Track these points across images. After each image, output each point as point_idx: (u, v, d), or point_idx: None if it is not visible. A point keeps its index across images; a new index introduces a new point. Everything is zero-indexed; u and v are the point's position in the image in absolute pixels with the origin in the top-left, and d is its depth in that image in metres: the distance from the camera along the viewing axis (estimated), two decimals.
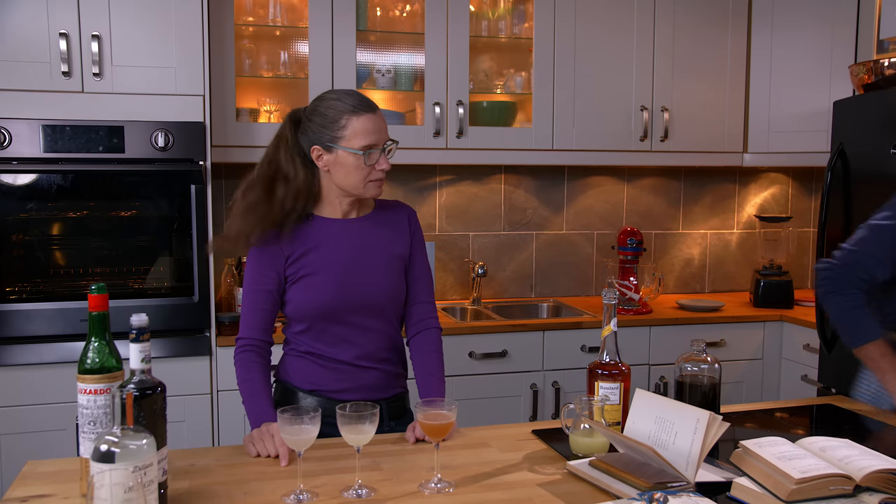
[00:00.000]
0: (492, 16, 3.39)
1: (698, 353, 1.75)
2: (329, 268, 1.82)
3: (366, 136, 1.77)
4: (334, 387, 1.86)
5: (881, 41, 3.21)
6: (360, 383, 1.87)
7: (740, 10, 3.51)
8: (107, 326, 1.38)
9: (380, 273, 1.86)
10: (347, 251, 1.84)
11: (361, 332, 1.86)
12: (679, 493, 1.33)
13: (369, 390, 1.87)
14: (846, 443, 1.49)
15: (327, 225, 1.85)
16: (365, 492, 1.43)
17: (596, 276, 3.80)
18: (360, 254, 1.85)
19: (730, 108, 3.54)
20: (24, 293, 2.67)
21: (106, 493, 1.10)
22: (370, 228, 1.89)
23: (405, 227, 1.93)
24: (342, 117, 1.77)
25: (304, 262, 1.82)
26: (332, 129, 1.77)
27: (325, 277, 1.81)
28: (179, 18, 2.71)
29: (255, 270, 1.84)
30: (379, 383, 1.89)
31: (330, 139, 1.78)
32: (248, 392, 1.79)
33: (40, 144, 2.60)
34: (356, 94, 1.81)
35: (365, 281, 1.84)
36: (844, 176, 2.82)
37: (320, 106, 1.80)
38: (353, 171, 1.78)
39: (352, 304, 1.83)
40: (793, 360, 3.31)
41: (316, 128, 1.79)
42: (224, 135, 2.97)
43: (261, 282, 1.83)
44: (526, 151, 3.32)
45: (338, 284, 1.82)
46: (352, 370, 1.86)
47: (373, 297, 1.85)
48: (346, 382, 1.86)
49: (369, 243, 1.87)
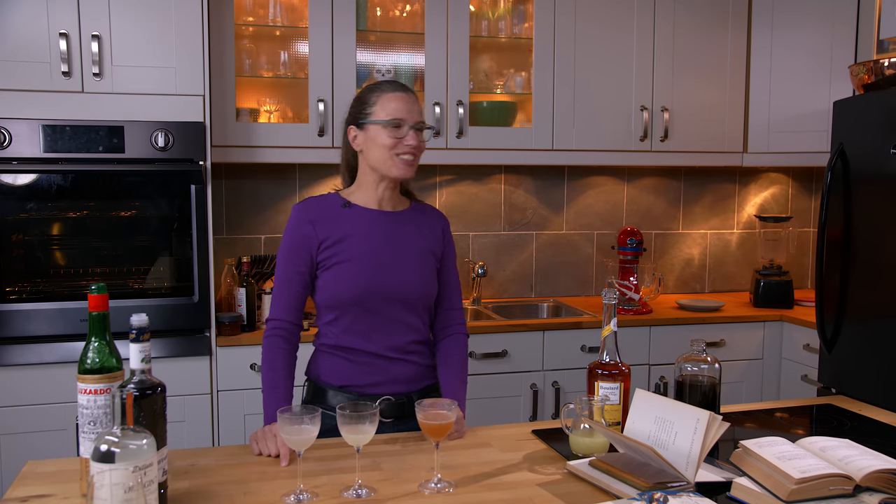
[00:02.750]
0: (492, 16, 3.39)
1: (698, 353, 1.75)
2: (363, 257, 1.84)
3: (394, 111, 1.83)
4: (364, 381, 1.87)
5: (881, 41, 3.21)
6: (390, 376, 1.88)
7: (740, 10, 3.51)
8: (107, 326, 1.38)
9: (412, 265, 1.89)
10: (381, 241, 1.87)
11: (391, 324, 1.87)
12: (679, 493, 1.33)
13: (399, 383, 1.89)
14: (846, 443, 1.49)
15: (363, 214, 1.88)
16: (365, 492, 1.43)
17: (596, 276, 3.80)
18: (393, 245, 1.88)
19: (730, 108, 3.54)
20: (24, 293, 2.67)
21: (106, 493, 1.10)
22: (404, 223, 1.92)
23: (439, 234, 1.98)
24: (373, 95, 1.87)
25: (337, 248, 1.84)
26: (363, 107, 1.87)
27: (359, 266, 1.83)
28: (179, 18, 2.71)
29: (289, 253, 1.86)
30: (409, 375, 1.91)
31: (362, 116, 1.86)
32: (270, 384, 1.80)
33: (40, 144, 2.60)
34: (394, 81, 1.92)
35: (397, 272, 1.87)
36: (844, 176, 2.82)
37: (359, 93, 1.92)
38: (380, 144, 1.83)
39: (383, 294, 1.85)
40: (793, 360, 3.31)
41: (352, 110, 1.90)
42: (224, 135, 2.97)
43: (294, 264, 1.85)
44: (526, 151, 3.32)
45: (371, 273, 1.84)
46: (382, 363, 1.87)
47: (404, 287, 1.87)
48: (376, 376, 1.87)
49: (403, 236, 1.90)
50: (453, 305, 1.99)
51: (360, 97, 1.90)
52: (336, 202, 1.90)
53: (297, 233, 1.86)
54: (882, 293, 2.65)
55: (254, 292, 2.99)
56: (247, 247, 3.35)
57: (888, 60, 2.76)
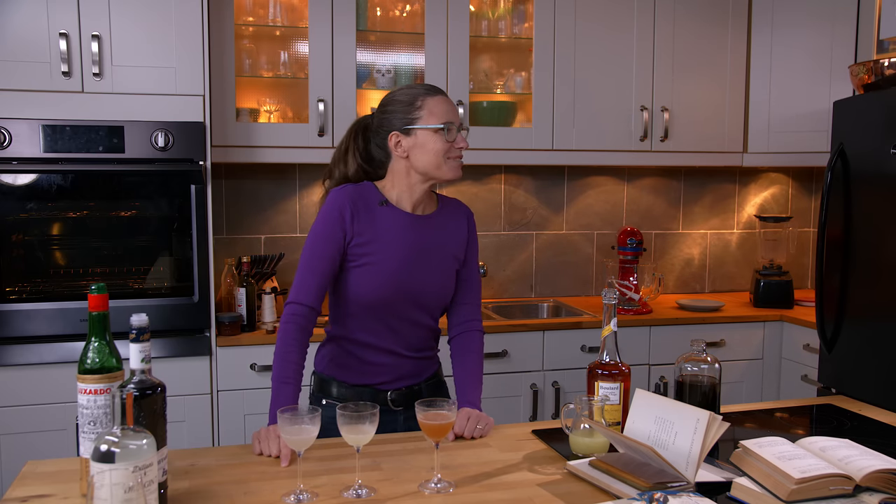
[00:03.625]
0: (492, 16, 3.39)
1: (698, 353, 1.74)
2: (392, 262, 1.83)
3: (443, 114, 1.83)
4: (376, 380, 1.90)
5: (881, 41, 3.21)
6: (401, 373, 1.91)
7: (740, 10, 3.51)
8: (107, 326, 1.38)
9: (437, 273, 1.90)
10: (412, 248, 1.86)
11: (407, 324, 1.89)
12: (679, 493, 1.33)
13: (410, 378, 1.93)
14: (846, 443, 1.49)
15: (399, 217, 1.87)
16: (365, 492, 1.43)
17: (596, 276, 3.80)
18: (423, 252, 1.88)
19: (730, 108, 3.54)
20: (24, 293, 2.67)
21: (106, 493, 1.10)
22: (435, 228, 1.91)
23: (464, 229, 1.97)
24: (416, 100, 1.84)
25: (369, 248, 1.83)
26: (408, 111, 1.83)
27: (387, 271, 1.83)
28: (179, 18, 2.71)
29: (321, 238, 1.82)
30: (419, 370, 1.94)
31: (407, 122, 1.83)
32: (281, 377, 1.75)
33: (40, 144, 2.60)
34: (425, 84, 1.91)
35: (423, 278, 1.87)
36: (844, 176, 2.82)
37: (394, 96, 1.88)
38: (434, 149, 1.82)
39: (406, 299, 1.86)
40: (793, 360, 3.31)
41: (390, 116, 1.86)
42: (224, 135, 2.97)
43: (325, 249, 1.82)
44: (526, 151, 3.32)
45: (398, 279, 1.84)
46: (394, 360, 1.89)
47: (427, 293, 1.89)
48: (388, 374, 1.90)
49: (432, 243, 1.90)
50: (472, 300, 1.99)
51: (399, 101, 1.85)
52: (374, 196, 1.87)
53: (335, 219, 1.82)
54: (882, 293, 2.65)
55: (254, 292, 2.99)
56: (247, 247, 3.35)
57: (888, 60, 2.76)
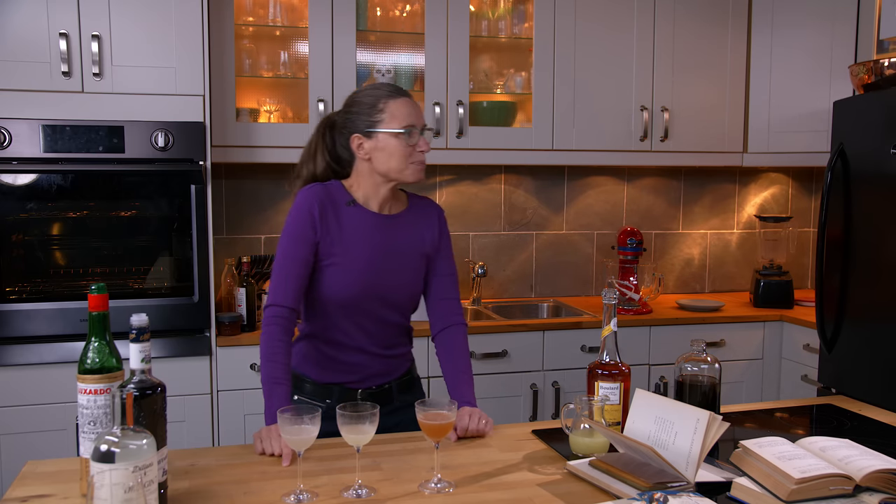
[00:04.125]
0: (492, 16, 3.39)
1: (698, 353, 1.74)
2: (361, 262, 1.84)
3: (405, 118, 1.82)
4: (347, 379, 1.90)
5: (881, 41, 3.21)
6: (372, 372, 1.91)
7: (740, 10, 3.51)
8: (107, 326, 1.38)
9: (406, 273, 1.90)
10: (380, 248, 1.87)
11: (377, 323, 1.89)
12: (679, 493, 1.33)
13: (380, 377, 1.93)
14: (846, 443, 1.49)
15: (366, 217, 1.87)
16: (365, 492, 1.43)
17: (596, 276, 3.80)
18: (391, 252, 1.88)
19: (730, 108, 3.54)
20: (24, 293, 2.67)
21: (106, 493, 1.10)
22: (403, 227, 1.92)
23: (435, 226, 1.97)
24: (378, 102, 1.83)
25: (335, 248, 1.84)
26: (370, 114, 1.83)
27: (355, 271, 1.84)
28: (179, 18, 2.71)
29: (294, 239, 1.83)
30: (388, 369, 1.94)
31: (369, 124, 1.83)
32: (271, 378, 1.75)
33: (40, 144, 2.60)
34: (389, 83, 1.90)
35: (392, 278, 1.88)
36: (844, 176, 2.82)
37: (356, 97, 1.88)
38: (394, 152, 1.82)
39: (376, 298, 1.86)
40: (793, 360, 3.31)
41: (353, 117, 1.85)
42: (224, 135, 2.97)
43: (299, 250, 1.82)
44: (526, 151, 3.32)
45: (366, 279, 1.84)
46: (365, 359, 1.89)
47: (397, 293, 1.89)
48: (358, 374, 1.90)
49: (401, 242, 1.90)
50: (450, 295, 1.98)
51: (362, 103, 1.85)
52: (341, 196, 1.88)
53: (305, 219, 1.82)
54: (882, 293, 2.65)
55: (254, 292, 2.99)
56: (247, 247, 3.35)
57: (888, 60, 2.76)
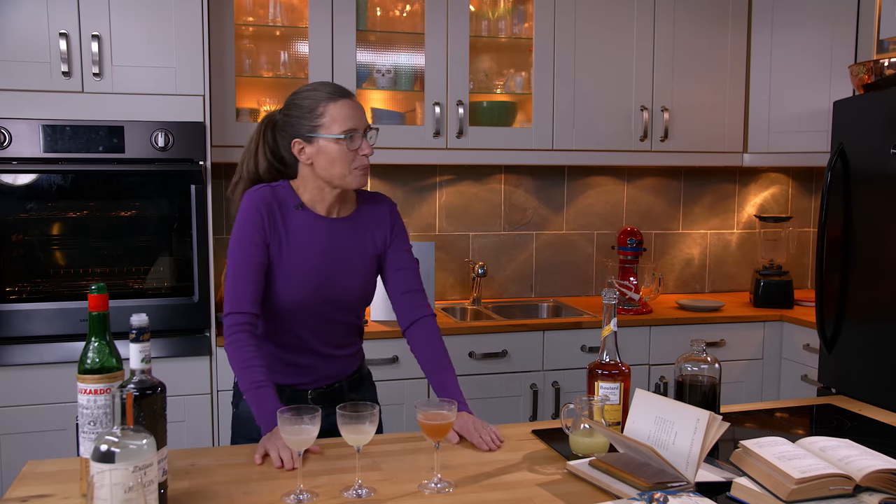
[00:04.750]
0: (492, 16, 3.39)
1: (698, 353, 1.74)
2: (308, 267, 1.82)
3: (345, 122, 1.77)
4: (297, 381, 1.88)
5: (881, 41, 3.21)
6: (323, 374, 1.90)
7: (740, 10, 3.51)
8: (107, 326, 1.38)
9: (357, 275, 1.88)
10: (329, 252, 1.84)
11: (327, 325, 1.88)
12: (679, 493, 1.33)
13: (330, 377, 1.92)
14: (846, 443, 1.49)
15: (313, 221, 1.84)
16: (365, 492, 1.43)
17: (596, 276, 3.80)
18: (340, 256, 1.86)
19: (730, 108, 3.54)
20: (24, 293, 2.67)
21: (106, 493, 1.10)
22: (352, 229, 1.89)
23: (386, 222, 1.93)
24: (318, 106, 1.77)
25: (284, 252, 1.81)
26: (309, 118, 1.77)
27: (303, 276, 1.81)
28: (179, 18, 2.71)
29: (247, 243, 1.78)
30: (340, 369, 1.94)
31: (309, 129, 1.77)
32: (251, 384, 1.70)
33: (40, 144, 2.60)
34: (330, 83, 1.83)
35: (342, 281, 1.86)
36: (844, 176, 2.82)
37: (296, 99, 1.81)
38: (336, 158, 1.77)
39: (325, 302, 1.85)
40: (793, 360, 3.31)
41: (294, 121, 1.80)
42: (224, 135, 2.97)
43: (254, 254, 1.78)
44: (526, 151, 3.32)
45: (315, 283, 1.82)
46: (315, 360, 1.88)
47: (347, 298, 1.88)
48: (308, 375, 1.89)
49: (350, 245, 1.87)
50: (412, 287, 1.92)
51: (301, 106, 1.79)
52: (289, 199, 1.83)
53: (255, 221, 1.79)
54: (882, 293, 2.65)
55: None
56: None
57: (888, 60, 2.76)
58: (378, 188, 3.49)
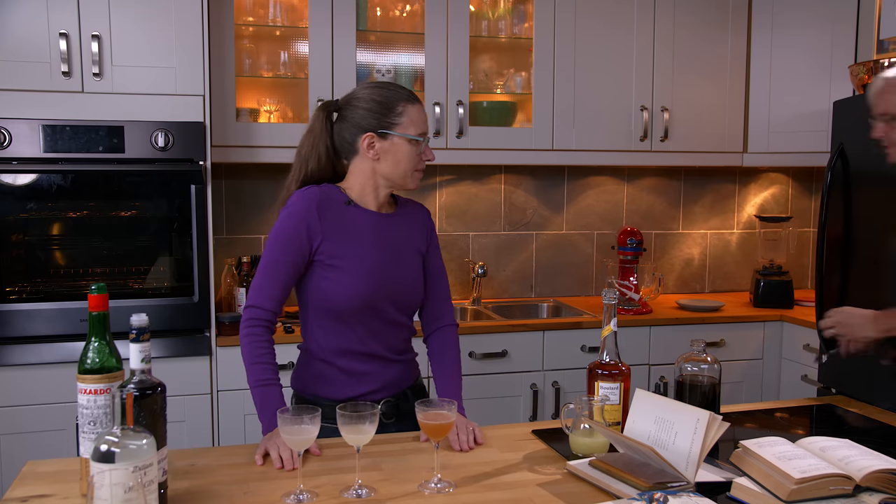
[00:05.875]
0: (492, 16, 3.39)
1: (698, 353, 1.74)
2: (368, 262, 1.80)
3: (421, 125, 1.81)
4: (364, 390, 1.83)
5: (881, 41, 3.21)
6: (387, 380, 1.87)
7: (740, 10, 3.51)
8: (107, 326, 1.38)
9: (409, 268, 1.88)
10: (383, 246, 1.84)
11: (389, 326, 1.86)
12: (679, 493, 1.33)
13: (395, 385, 1.89)
14: (846, 443, 1.49)
15: (365, 216, 1.84)
16: (365, 492, 1.43)
17: (596, 276, 3.80)
18: (393, 249, 1.85)
19: (730, 108, 3.54)
20: (24, 293, 2.67)
21: (106, 493, 1.10)
22: (400, 225, 1.90)
23: (424, 226, 1.95)
24: (398, 104, 1.79)
25: (340, 249, 1.79)
26: (387, 115, 1.79)
27: (365, 272, 1.79)
28: (179, 18, 2.71)
29: (286, 240, 1.77)
30: (403, 375, 1.91)
31: (386, 125, 1.79)
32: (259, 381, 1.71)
33: (40, 144, 2.60)
34: (402, 86, 1.86)
35: (399, 276, 1.85)
36: (844, 176, 2.82)
37: (372, 94, 1.81)
38: (405, 158, 1.80)
39: (388, 298, 1.83)
40: (793, 360, 3.31)
41: (367, 115, 1.80)
42: (224, 135, 2.97)
43: (289, 252, 1.77)
44: (526, 151, 3.32)
45: (376, 279, 1.80)
46: (380, 366, 1.85)
47: (405, 291, 1.87)
48: (374, 383, 1.85)
49: (400, 239, 1.88)
50: (443, 295, 1.96)
51: (377, 101, 1.79)
52: (338, 197, 1.83)
53: (299, 220, 1.77)
54: (882, 293, 2.64)
55: None
56: (247, 247, 3.35)
57: (888, 60, 2.76)
58: None
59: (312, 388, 1.85)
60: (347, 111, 1.83)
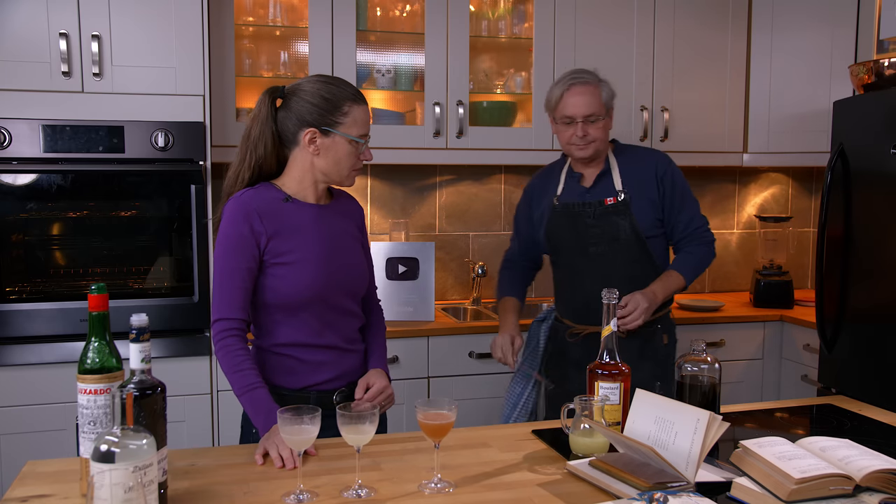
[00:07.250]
0: (492, 16, 3.39)
1: (698, 353, 1.75)
2: (315, 253, 1.82)
3: (363, 126, 1.83)
4: (322, 378, 1.87)
5: (881, 41, 3.21)
6: (343, 369, 1.90)
7: (740, 11, 3.51)
8: (107, 326, 1.38)
9: (355, 256, 1.92)
10: (326, 236, 1.86)
11: (342, 316, 1.89)
12: (679, 493, 1.33)
13: (350, 374, 1.92)
14: (846, 443, 1.49)
15: (305, 210, 1.85)
16: (365, 492, 1.43)
17: None
18: (336, 239, 1.88)
19: (730, 108, 3.54)
20: (24, 293, 2.67)
21: (106, 493, 1.10)
22: (339, 216, 1.92)
23: (359, 216, 2.00)
24: (345, 104, 1.80)
25: (286, 245, 1.80)
26: (332, 112, 1.79)
27: (313, 263, 1.81)
28: (179, 18, 2.71)
29: (234, 248, 1.77)
30: (355, 366, 1.93)
31: (330, 123, 1.80)
32: (245, 386, 1.73)
33: (40, 144, 2.60)
34: (349, 83, 1.86)
35: (346, 264, 1.88)
36: (844, 176, 2.82)
37: (320, 89, 1.80)
38: (344, 158, 1.82)
39: (337, 286, 1.85)
40: (793, 360, 3.31)
41: (312, 109, 1.79)
42: (224, 135, 2.97)
43: (242, 259, 1.77)
44: (526, 151, 3.32)
45: (325, 269, 1.83)
46: (336, 356, 1.88)
47: (353, 279, 1.90)
48: (332, 371, 1.88)
49: (342, 229, 1.91)
50: (373, 283, 2.04)
51: (323, 97, 1.79)
52: (275, 195, 1.83)
53: (241, 226, 1.77)
54: (882, 293, 2.65)
55: None
56: None
57: (888, 60, 2.76)
58: (378, 188, 3.49)
59: (276, 379, 1.87)
60: (292, 101, 1.82)
